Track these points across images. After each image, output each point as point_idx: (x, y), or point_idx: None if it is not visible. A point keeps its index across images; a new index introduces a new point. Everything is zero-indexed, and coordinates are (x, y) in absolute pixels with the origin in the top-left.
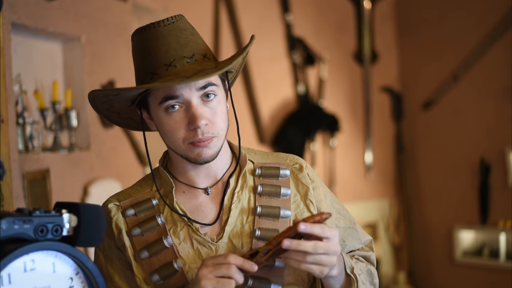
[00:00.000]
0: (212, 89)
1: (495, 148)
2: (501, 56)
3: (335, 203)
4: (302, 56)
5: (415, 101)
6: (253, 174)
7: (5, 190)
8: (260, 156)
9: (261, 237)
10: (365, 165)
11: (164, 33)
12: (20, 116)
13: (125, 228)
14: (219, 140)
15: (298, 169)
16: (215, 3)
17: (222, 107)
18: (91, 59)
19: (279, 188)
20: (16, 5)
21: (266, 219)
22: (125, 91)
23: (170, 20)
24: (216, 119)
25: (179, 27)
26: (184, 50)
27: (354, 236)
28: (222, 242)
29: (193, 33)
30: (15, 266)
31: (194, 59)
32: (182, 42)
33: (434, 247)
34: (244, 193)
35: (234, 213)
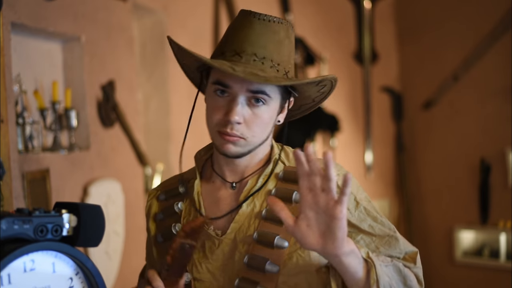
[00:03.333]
0: (263, 97)
1: (495, 148)
2: (501, 56)
3: (371, 212)
4: (302, 56)
5: (415, 101)
6: (276, 177)
7: (5, 190)
8: None
9: (258, 240)
10: (365, 165)
11: (254, 26)
12: (20, 116)
13: (156, 211)
14: (248, 144)
15: None
16: (215, 3)
17: (266, 118)
18: (91, 59)
19: (292, 193)
20: (16, 5)
21: (271, 223)
22: (189, 56)
23: (270, 19)
24: (253, 124)
25: (273, 30)
26: (259, 50)
27: (393, 244)
28: (227, 238)
29: (282, 43)
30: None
31: (262, 62)
32: (262, 42)
33: (434, 247)
34: (261, 194)
35: (244, 212)
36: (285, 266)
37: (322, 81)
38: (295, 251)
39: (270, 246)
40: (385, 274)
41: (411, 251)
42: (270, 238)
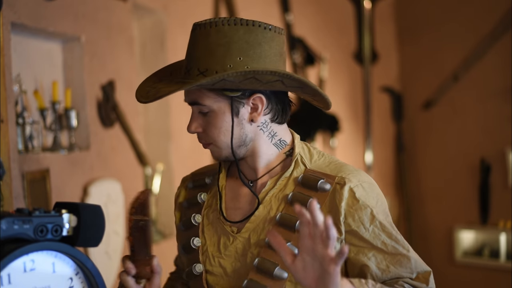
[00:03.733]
0: (199, 108)
1: (495, 148)
2: (501, 56)
3: (386, 228)
4: (302, 56)
5: (415, 101)
6: (295, 181)
7: (4, 190)
8: (322, 162)
9: (270, 245)
10: (365, 165)
11: (192, 37)
12: (19, 116)
13: (182, 199)
14: (218, 148)
15: (340, 185)
16: (215, 3)
17: (218, 123)
18: (91, 59)
19: (307, 200)
20: (16, 5)
21: (284, 229)
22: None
23: (206, 24)
24: (208, 130)
25: (205, 35)
26: (190, 60)
27: (405, 264)
28: (241, 236)
29: (214, 45)
30: (15, 266)
31: (189, 72)
32: (191, 51)
33: (434, 247)
34: (278, 198)
35: (260, 213)
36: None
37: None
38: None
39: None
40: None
41: (424, 270)
42: None
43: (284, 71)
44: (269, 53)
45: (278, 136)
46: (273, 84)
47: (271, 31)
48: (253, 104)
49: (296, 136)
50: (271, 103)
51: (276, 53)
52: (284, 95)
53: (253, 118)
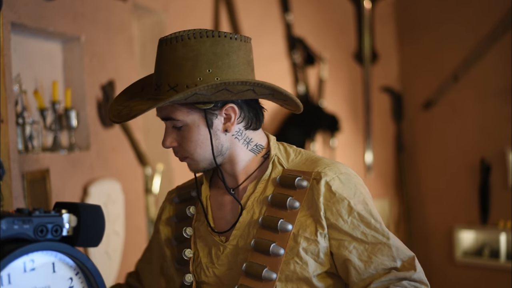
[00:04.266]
0: (173, 123)
1: (495, 148)
2: (501, 56)
3: (365, 217)
4: (302, 56)
5: (415, 101)
6: (274, 182)
7: (4, 190)
8: (299, 160)
9: (255, 248)
10: (365, 165)
11: (159, 53)
12: (19, 116)
13: (169, 214)
14: (195, 161)
15: (317, 181)
16: (215, 3)
17: (192, 136)
18: (91, 59)
19: (287, 198)
20: (16, 5)
21: (267, 230)
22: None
23: (173, 39)
24: (183, 144)
25: (172, 50)
26: (159, 77)
27: (386, 252)
28: (230, 245)
29: (182, 60)
30: (15, 266)
31: (159, 89)
32: (160, 67)
33: (434, 247)
34: (260, 201)
35: (244, 219)
36: (282, 272)
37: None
38: (292, 258)
39: (266, 253)
40: None
41: (407, 256)
42: (266, 246)
43: (255, 80)
44: (237, 62)
45: (254, 141)
46: (244, 93)
47: (237, 40)
48: (226, 114)
49: (272, 138)
50: (243, 111)
51: (244, 62)
52: (255, 102)
53: (227, 128)
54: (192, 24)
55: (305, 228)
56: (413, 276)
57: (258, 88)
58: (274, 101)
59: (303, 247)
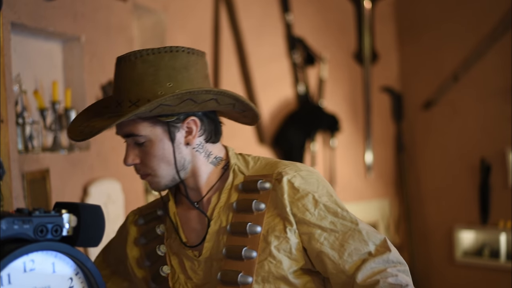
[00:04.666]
0: (134, 139)
1: (495, 148)
2: (501, 56)
3: (331, 208)
4: (302, 56)
5: (415, 101)
6: (237, 189)
7: (4, 190)
8: (258, 166)
9: (228, 255)
10: (365, 165)
11: (118, 71)
12: (19, 116)
13: (136, 236)
14: (157, 177)
15: (278, 180)
16: (215, 3)
17: (155, 152)
18: (90, 59)
19: (251, 202)
20: (16, 5)
21: (236, 236)
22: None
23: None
24: (146, 161)
25: (131, 67)
26: (119, 94)
27: (357, 238)
28: (204, 258)
29: (142, 75)
30: (15, 266)
31: (120, 105)
32: (120, 85)
33: (434, 247)
34: (225, 209)
35: (213, 230)
36: (258, 275)
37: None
38: (266, 259)
39: (239, 258)
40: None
41: (379, 239)
42: (238, 251)
43: (218, 89)
44: (196, 76)
45: (213, 154)
46: (207, 103)
47: (195, 55)
48: (187, 127)
49: (230, 148)
50: (204, 124)
51: (202, 76)
52: (215, 115)
53: (189, 141)
54: (192, 24)
55: (274, 227)
56: (390, 258)
57: (221, 98)
58: (232, 113)
59: (274, 245)
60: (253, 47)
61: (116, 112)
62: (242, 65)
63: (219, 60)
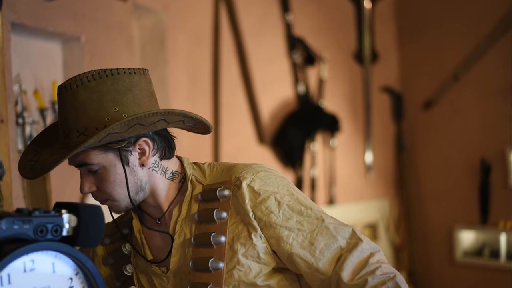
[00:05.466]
0: (88, 168)
1: (495, 148)
2: (501, 56)
3: (295, 207)
4: (302, 56)
5: (415, 101)
6: (197, 200)
7: (4, 190)
8: (215, 174)
9: (195, 268)
10: (365, 165)
11: (61, 102)
12: (19, 116)
13: (103, 255)
14: (116, 201)
15: (237, 186)
16: (215, 3)
17: (110, 177)
18: (90, 59)
19: (213, 212)
20: (16, 5)
21: (202, 248)
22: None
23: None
24: (102, 187)
25: (73, 96)
26: (65, 125)
27: (325, 234)
28: (172, 273)
29: (86, 103)
30: (15, 266)
31: (68, 136)
32: (65, 116)
33: (434, 247)
34: (187, 221)
35: (177, 243)
36: (228, 285)
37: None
38: (234, 268)
39: (207, 270)
40: None
41: (348, 233)
42: (204, 263)
43: (165, 109)
44: (141, 96)
45: (170, 169)
46: (156, 124)
47: (137, 74)
48: (139, 149)
49: (184, 159)
50: (156, 143)
51: (147, 94)
52: (166, 132)
53: (143, 162)
54: (192, 24)
55: (239, 235)
56: (364, 247)
57: (168, 117)
58: (183, 127)
59: (242, 253)
60: (253, 47)
61: (65, 143)
62: (242, 65)
63: (219, 60)
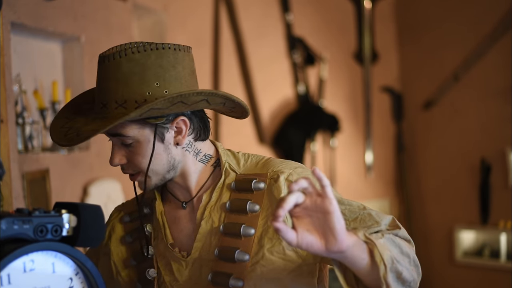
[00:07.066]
0: (121, 139)
1: (495, 148)
2: (501, 56)
3: (336, 196)
4: (302, 56)
5: (416, 101)
6: (229, 188)
7: (4, 190)
8: (250, 165)
9: (219, 256)
10: (365, 165)
11: (101, 71)
12: (19, 116)
13: (122, 233)
14: (149, 176)
15: (274, 179)
16: (215, 3)
17: (142, 152)
18: (90, 59)
19: (246, 203)
20: (16, 5)
21: (230, 237)
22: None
23: (116, 55)
24: (133, 160)
25: (116, 66)
26: (103, 95)
27: (368, 220)
28: (192, 258)
29: (128, 75)
30: (15, 267)
31: (106, 107)
32: (104, 85)
33: (434, 247)
34: (217, 208)
35: (204, 229)
36: (250, 279)
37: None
38: (258, 262)
39: (231, 261)
40: (386, 249)
41: (388, 219)
42: (230, 253)
43: (209, 90)
44: (183, 74)
45: (202, 152)
46: (197, 104)
47: (181, 51)
48: (177, 127)
49: (219, 145)
50: (193, 123)
51: (189, 72)
52: (203, 113)
53: (178, 141)
54: (192, 24)
55: (267, 229)
56: (399, 234)
57: (211, 98)
58: (221, 110)
59: (267, 248)
60: (253, 47)
61: (101, 113)
62: (242, 65)
63: (219, 61)
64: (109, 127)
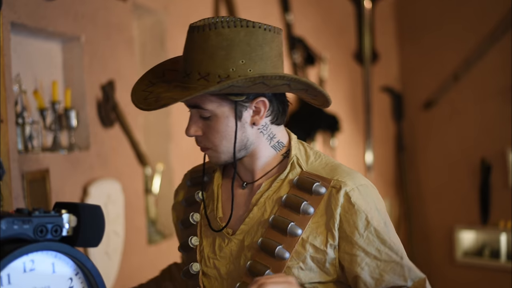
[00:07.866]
0: (200, 112)
1: (495, 148)
2: (501, 56)
3: (381, 234)
4: (302, 56)
5: (416, 101)
6: (290, 183)
7: (4, 190)
8: (318, 164)
9: (261, 247)
10: (366, 165)
11: (190, 40)
12: (19, 116)
13: (182, 196)
14: (219, 152)
15: (336, 190)
16: (215, 3)
17: (219, 127)
18: (90, 59)
19: (301, 202)
20: (16, 5)
21: (276, 232)
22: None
23: (205, 27)
24: (209, 135)
25: (204, 38)
26: (188, 65)
27: (397, 271)
28: (236, 238)
29: (215, 49)
30: (15, 267)
31: (188, 76)
32: (190, 55)
33: (434, 248)
34: (272, 199)
35: (255, 215)
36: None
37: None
38: (297, 264)
39: (271, 254)
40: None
41: (419, 277)
42: (272, 247)
43: (292, 75)
44: (270, 55)
45: (277, 138)
46: (279, 87)
47: (271, 32)
48: (255, 107)
49: (293, 136)
50: (272, 105)
51: (276, 54)
52: (284, 96)
53: (255, 121)
54: None
55: (315, 236)
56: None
57: (294, 83)
58: (303, 96)
59: (310, 254)
60: None
61: (183, 82)
62: None
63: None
64: (187, 98)
